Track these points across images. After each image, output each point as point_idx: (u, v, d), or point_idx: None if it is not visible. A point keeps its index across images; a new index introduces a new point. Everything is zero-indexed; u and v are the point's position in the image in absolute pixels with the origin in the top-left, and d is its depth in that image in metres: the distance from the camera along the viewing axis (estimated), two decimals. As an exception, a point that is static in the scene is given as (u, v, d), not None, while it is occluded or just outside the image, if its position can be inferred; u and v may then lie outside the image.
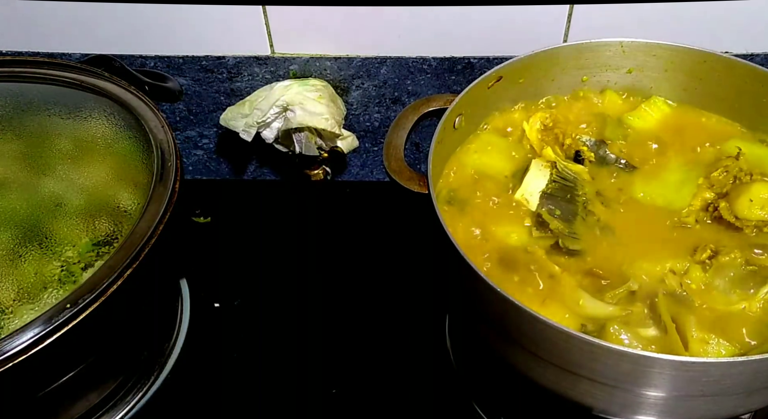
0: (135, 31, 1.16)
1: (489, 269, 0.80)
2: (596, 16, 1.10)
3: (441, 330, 1.02)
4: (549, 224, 0.81)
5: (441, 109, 0.88)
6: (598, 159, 0.92)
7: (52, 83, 0.98)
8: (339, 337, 1.03)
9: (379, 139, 1.32)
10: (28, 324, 0.70)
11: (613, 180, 0.89)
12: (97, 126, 0.93)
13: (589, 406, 0.74)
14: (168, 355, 1.01)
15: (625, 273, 0.78)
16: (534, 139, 0.94)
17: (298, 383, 0.98)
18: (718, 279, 0.77)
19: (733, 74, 0.91)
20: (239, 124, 1.17)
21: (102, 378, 0.89)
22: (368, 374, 0.99)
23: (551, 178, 0.88)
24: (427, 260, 1.03)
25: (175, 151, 0.88)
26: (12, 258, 0.79)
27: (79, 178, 0.88)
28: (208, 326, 1.05)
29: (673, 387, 0.66)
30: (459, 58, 1.17)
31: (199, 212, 1.19)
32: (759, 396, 0.70)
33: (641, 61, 0.96)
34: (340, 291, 1.09)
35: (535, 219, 0.84)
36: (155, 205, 0.82)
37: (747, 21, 1.11)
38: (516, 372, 0.77)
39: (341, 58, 1.19)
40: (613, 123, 0.95)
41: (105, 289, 0.73)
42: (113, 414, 0.93)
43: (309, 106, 1.15)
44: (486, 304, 0.72)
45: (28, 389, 0.75)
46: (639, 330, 0.74)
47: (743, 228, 0.81)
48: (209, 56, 1.19)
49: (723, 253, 0.79)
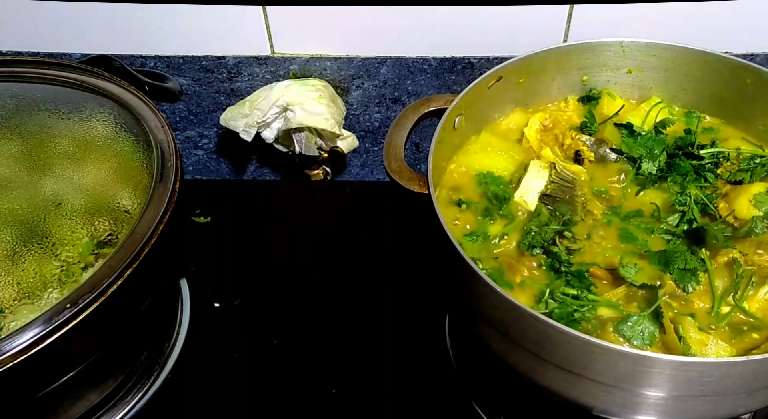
0: (135, 31, 1.16)
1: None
2: (596, 16, 1.10)
3: (441, 330, 1.02)
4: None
5: (441, 109, 0.88)
6: (598, 158, 0.92)
7: (52, 83, 0.98)
8: (339, 337, 1.03)
9: (379, 139, 1.32)
10: (28, 324, 0.70)
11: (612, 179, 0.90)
12: (97, 126, 0.92)
13: (589, 406, 0.74)
14: (168, 355, 1.01)
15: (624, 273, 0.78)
16: (533, 139, 0.94)
17: (298, 383, 0.98)
18: (717, 280, 0.77)
19: (733, 74, 0.91)
20: (239, 124, 1.18)
21: (102, 378, 0.89)
22: (368, 374, 0.99)
23: (550, 178, 0.88)
24: (427, 260, 1.03)
25: (175, 151, 0.88)
26: (12, 258, 0.79)
27: (79, 178, 0.88)
28: (208, 326, 1.05)
29: (673, 387, 0.66)
30: (459, 58, 1.17)
31: (199, 212, 1.19)
32: (759, 396, 0.70)
33: (641, 61, 0.96)
34: (340, 291, 1.09)
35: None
36: (155, 205, 0.82)
37: (747, 21, 1.11)
38: (516, 372, 0.77)
39: (341, 58, 1.19)
40: (612, 123, 0.95)
41: (105, 289, 0.73)
42: (113, 414, 0.93)
43: (309, 106, 1.15)
44: (486, 304, 0.72)
45: (28, 389, 0.75)
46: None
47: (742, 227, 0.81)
48: (209, 56, 1.19)
49: (722, 253, 0.79)
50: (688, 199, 0.84)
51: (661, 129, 0.93)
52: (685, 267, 0.76)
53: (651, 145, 0.90)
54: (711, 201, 0.85)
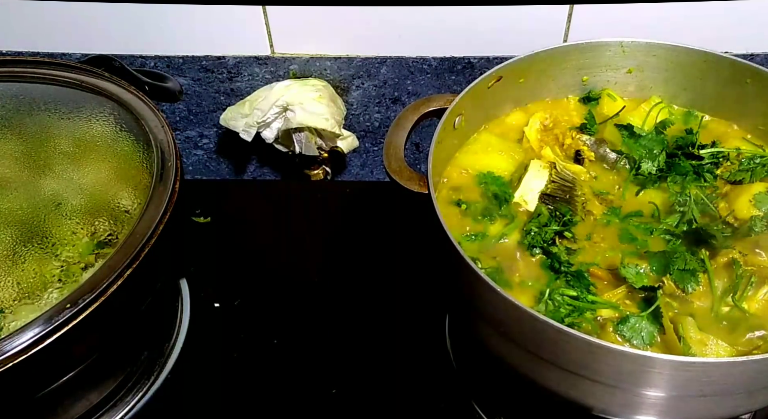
0: (135, 31, 1.16)
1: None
2: (596, 16, 1.10)
3: (441, 330, 1.02)
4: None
5: (441, 109, 0.88)
6: (598, 158, 0.92)
7: (52, 83, 0.98)
8: (339, 337, 1.03)
9: (379, 139, 1.32)
10: (28, 324, 0.70)
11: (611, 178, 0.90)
12: (97, 126, 0.92)
13: (589, 406, 0.74)
14: (168, 355, 1.01)
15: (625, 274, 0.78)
16: (533, 139, 0.94)
17: (298, 383, 0.98)
18: (717, 280, 0.77)
19: (733, 74, 0.91)
20: (239, 124, 1.18)
21: (102, 378, 0.89)
22: (368, 374, 0.99)
23: (550, 178, 0.88)
24: (427, 260, 1.03)
25: (175, 151, 0.88)
26: (12, 258, 0.79)
27: (79, 178, 0.88)
28: (208, 326, 1.05)
29: (673, 387, 0.66)
30: (459, 58, 1.17)
31: (199, 212, 1.19)
32: (759, 396, 0.70)
33: (641, 61, 0.96)
34: (340, 291, 1.09)
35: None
36: (155, 205, 0.82)
37: (747, 21, 1.11)
38: (516, 372, 0.77)
39: (341, 58, 1.19)
40: (612, 123, 0.95)
41: (105, 289, 0.73)
42: (113, 414, 0.93)
43: (309, 106, 1.15)
44: (486, 304, 0.72)
45: (28, 389, 0.75)
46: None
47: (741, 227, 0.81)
48: (209, 56, 1.19)
49: (722, 254, 0.79)
50: (687, 199, 0.84)
51: (661, 129, 0.93)
52: (685, 268, 0.76)
53: (651, 145, 0.90)
54: (711, 201, 0.85)
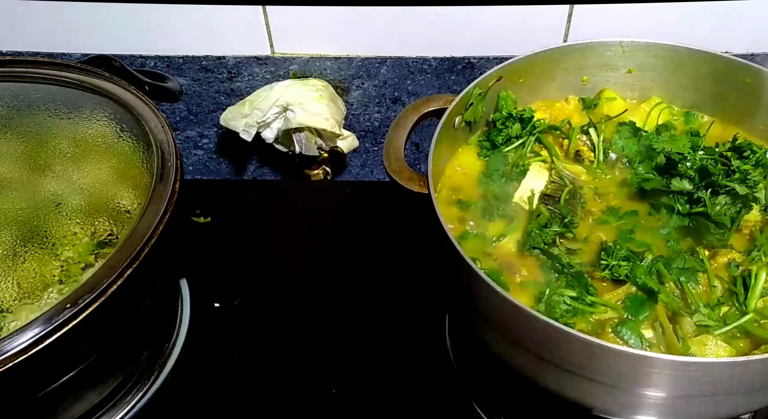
0: (135, 31, 1.16)
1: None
2: (596, 16, 1.10)
3: (441, 330, 1.02)
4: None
5: (441, 109, 0.88)
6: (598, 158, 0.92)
7: (52, 83, 0.98)
8: (339, 337, 1.03)
9: (379, 139, 1.32)
10: (28, 324, 0.70)
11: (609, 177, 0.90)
12: (97, 126, 0.92)
13: (589, 406, 0.74)
14: (168, 355, 1.01)
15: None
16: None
17: (298, 383, 0.98)
18: (717, 280, 0.77)
19: (733, 74, 0.91)
20: (239, 124, 1.18)
21: (102, 378, 0.89)
22: (368, 374, 0.99)
23: (550, 178, 0.88)
24: (427, 260, 1.03)
25: (175, 151, 0.88)
26: (12, 258, 0.79)
27: (79, 178, 0.88)
28: (208, 326, 1.05)
29: (673, 387, 0.66)
30: (459, 58, 1.17)
31: (199, 212, 1.19)
32: (759, 396, 0.70)
33: (641, 61, 0.96)
34: (340, 291, 1.09)
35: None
36: (155, 205, 0.82)
37: (747, 21, 1.11)
38: (516, 372, 0.77)
39: (341, 58, 1.19)
40: (612, 123, 0.95)
41: (105, 289, 0.73)
42: (113, 414, 0.93)
43: (309, 106, 1.15)
44: (486, 304, 0.72)
45: (28, 389, 0.75)
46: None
47: (742, 228, 0.81)
48: (209, 56, 1.19)
49: (722, 254, 0.79)
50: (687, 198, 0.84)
51: (662, 130, 0.93)
52: (685, 267, 0.76)
53: (651, 145, 0.90)
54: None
